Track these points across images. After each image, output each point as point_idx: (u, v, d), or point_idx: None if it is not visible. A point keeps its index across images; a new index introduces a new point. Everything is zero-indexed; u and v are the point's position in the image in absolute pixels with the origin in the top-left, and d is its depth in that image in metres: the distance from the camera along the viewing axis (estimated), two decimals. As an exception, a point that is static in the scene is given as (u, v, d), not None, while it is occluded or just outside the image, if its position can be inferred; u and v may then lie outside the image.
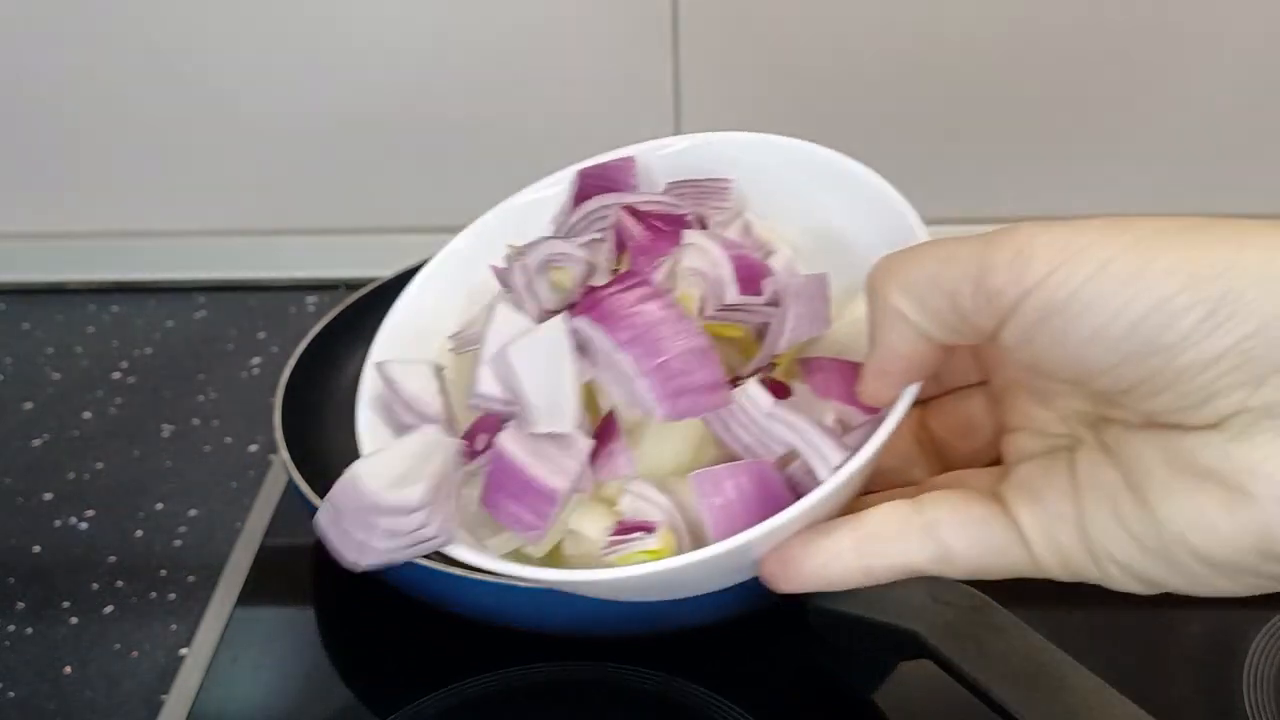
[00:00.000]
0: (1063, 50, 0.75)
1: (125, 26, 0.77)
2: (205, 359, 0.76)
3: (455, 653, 0.53)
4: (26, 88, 0.80)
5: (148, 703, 0.53)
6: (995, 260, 0.28)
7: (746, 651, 0.53)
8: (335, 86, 0.79)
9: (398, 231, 0.82)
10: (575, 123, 0.79)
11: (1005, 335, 0.29)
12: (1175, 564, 0.29)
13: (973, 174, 0.79)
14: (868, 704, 0.52)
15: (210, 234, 0.84)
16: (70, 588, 0.60)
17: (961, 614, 0.44)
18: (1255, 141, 0.77)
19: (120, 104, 0.80)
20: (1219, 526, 0.27)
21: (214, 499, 0.65)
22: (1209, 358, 0.26)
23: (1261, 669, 0.50)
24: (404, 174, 0.82)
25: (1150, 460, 0.29)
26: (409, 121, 0.80)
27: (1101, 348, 0.28)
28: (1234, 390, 0.27)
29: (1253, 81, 0.75)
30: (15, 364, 0.77)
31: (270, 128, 0.80)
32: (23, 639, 0.57)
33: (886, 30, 0.75)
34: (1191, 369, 0.27)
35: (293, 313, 0.80)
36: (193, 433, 0.70)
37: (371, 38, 0.77)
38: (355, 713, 0.52)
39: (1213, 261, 0.26)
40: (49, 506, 0.65)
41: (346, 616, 0.57)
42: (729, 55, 0.76)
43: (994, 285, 0.28)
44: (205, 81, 0.79)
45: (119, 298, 0.83)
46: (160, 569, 0.60)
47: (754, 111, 0.78)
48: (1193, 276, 0.26)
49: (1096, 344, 0.28)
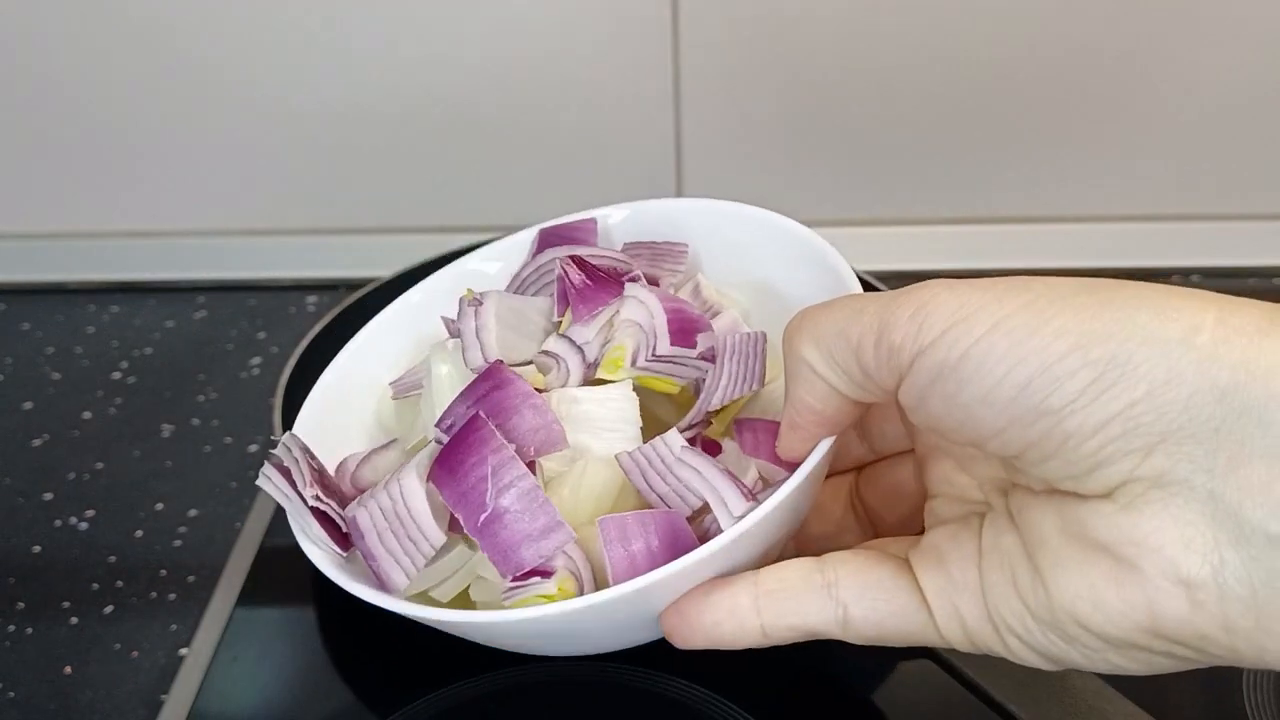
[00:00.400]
0: (1062, 51, 0.75)
1: (125, 26, 0.77)
2: (205, 359, 0.76)
3: (455, 653, 0.53)
4: (26, 88, 0.80)
5: (148, 703, 0.53)
6: (896, 317, 0.28)
7: (746, 651, 0.53)
8: (335, 87, 0.79)
9: (398, 231, 0.83)
10: (575, 123, 0.79)
11: (902, 394, 0.29)
12: (1068, 637, 0.28)
13: (971, 175, 0.79)
14: (868, 704, 0.52)
15: (210, 234, 0.84)
16: (70, 588, 0.60)
17: (961, 614, 0.44)
18: (1256, 143, 0.77)
19: (120, 104, 0.80)
20: (1107, 601, 0.26)
21: (214, 499, 0.65)
22: (1095, 424, 0.25)
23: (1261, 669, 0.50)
24: (404, 174, 0.82)
25: (1047, 528, 0.28)
26: (409, 122, 0.80)
27: (991, 410, 0.27)
28: (1122, 458, 0.25)
29: (1254, 82, 0.75)
30: (15, 364, 0.77)
31: (270, 128, 0.80)
32: (23, 639, 0.57)
33: (885, 31, 0.75)
34: (1079, 434, 0.26)
35: (293, 313, 0.80)
36: (193, 433, 0.70)
37: (372, 38, 0.77)
38: (355, 713, 0.52)
39: (1105, 322, 0.25)
40: (49, 506, 0.65)
41: (346, 616, 0.57)
42: (729, 56, 0.76)
43: (893, 341, 0.28)
44: (205, 81, 0.79)
45: (119, 298, 0.83)
46: (160, 569, 0.61)
47: (753, 111, 0.78)
48: (1083, 336, 0.25)
49: (986, 405, 0.27)
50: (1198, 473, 0.25)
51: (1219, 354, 0.24)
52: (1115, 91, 0.76)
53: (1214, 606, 0.25)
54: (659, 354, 0.38)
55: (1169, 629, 0.26)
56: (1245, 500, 0.24)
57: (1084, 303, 0.26)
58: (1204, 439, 0.24)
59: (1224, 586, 0.25)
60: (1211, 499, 0.25)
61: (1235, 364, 0.24)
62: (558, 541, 0.33)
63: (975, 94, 0.76)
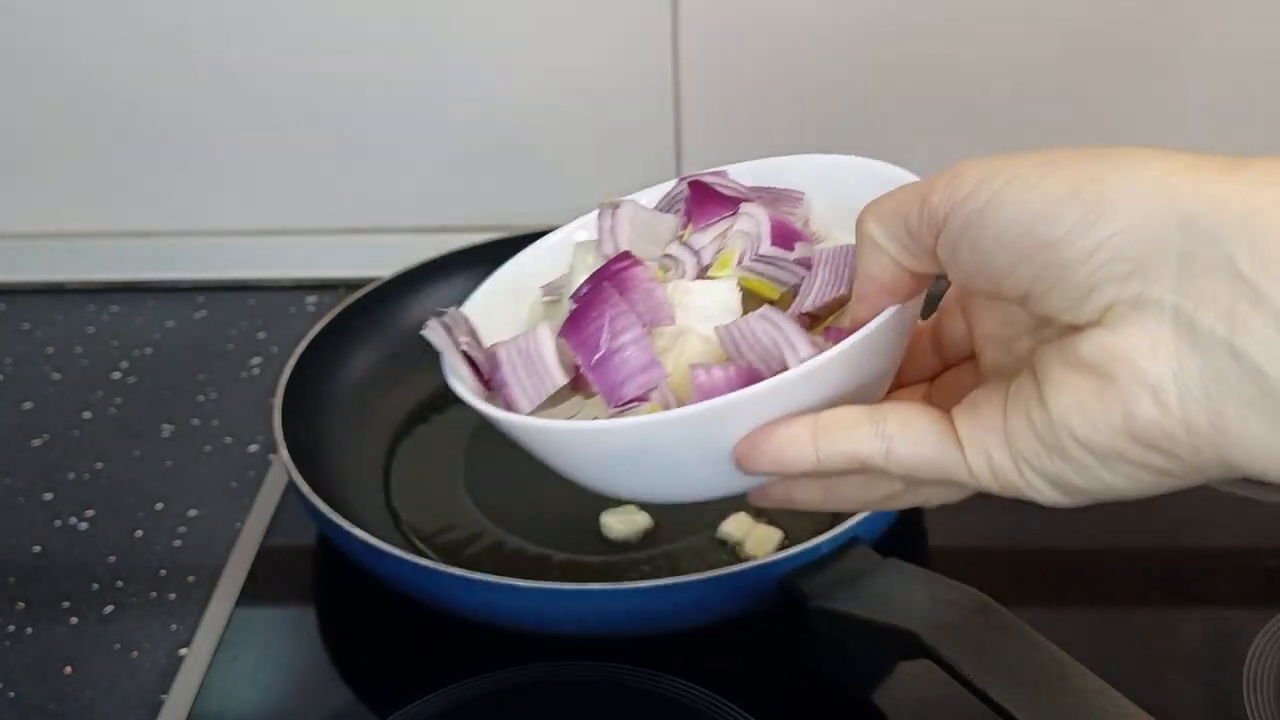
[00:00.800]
0: (1068, 44, 0.75)
1: (124, 26, 0.77)
2: (205, 359, 0.76)
3: (455, 653, 0.53)
4: (26, 88, 0.80)
5: (148, 703, 0.53)
6: (936, 183, 0.33)
7: (746, 651, 0.53)
8: (335, 86, 0.79)
9: (398, 231, 0.83)
10: (575, 124, 0.79)
11: (940, 248, 0.33)
12: (1065, 454, 0.31)
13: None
14: (868, 704, 0.52)
15: (210, 234, 0.84)
16: (70, 588, 0.60)
17: (962, 614, 0.44)
18: (1261, 134, 0.77)
19: (120, 104, 0.80)
20: (1091, 410, 0.30)
21: (214, 499, 0.65)
22: (1086, 251, 0.30)
23: (1261, 669, 0.50)
24: (404, 174, 0.82)
25: (1052, 363, 0.32)
26: (409, 122, 0.80)
27: (1004, 249, 0.31)
28: (1108, 284, 0.30)
29: (1258, 74, 0.75)
30: (15, 364, 0.77)
31: (270, 128, 0.80)
32: (23, 639, 0.57)
33: (886, 31, 0.75)
34: (1073, 263, 0.30)
35: (293, 313, 0.80)
36: (193, 433, 0.70)
37: (372, 38, 0.77)
38: (355, 713, 0.52)
39: (1098, 169, 0.30)
40: (49, 506, 0.65)
41: (346, 616, 0.57)
42: (728, 53, 0.76)
43: (933, 203, 0.33)
44: (205, 81, 0.79)
45: (119, 298, 0.83)
46: (160, 569, 0.60)
47: (753, 107, 0.78)
48: (1078, 180, 0.30)
49: (1000, 245, 0.31)
50: (1166, 292, 0.29)
51: (1185, 190, 0.29)
52: (1121, 84, 0.76)
53: (1177, 408, 0.29)
54: (761, 254, 0.43)
55: (1141, 430, 0.30)
56: (1199, 310, 0.28)
57: (1087, 157, 0.31)
58: (1172, 262, 0.29)
59: (1183, 388, 0.29)
60: (1175, 313, 0.29)
61: (1198, 196, 0.29)
62: (655, 376, 0.39)
63: (977, 94, 0.76)
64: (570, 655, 0.52)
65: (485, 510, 0.60)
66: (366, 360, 0.68)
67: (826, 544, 0.50)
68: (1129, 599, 0.56)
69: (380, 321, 0.70)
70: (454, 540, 0.59)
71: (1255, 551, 0.57)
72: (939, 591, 0.46)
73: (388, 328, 0.70)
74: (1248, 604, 0.54)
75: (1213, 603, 0.55)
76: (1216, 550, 0.58)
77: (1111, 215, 0.29)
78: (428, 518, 0.60)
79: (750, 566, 0.49)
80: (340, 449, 0.63)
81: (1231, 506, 0.59)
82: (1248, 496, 0.59)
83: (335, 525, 0.53)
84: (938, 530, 0.59)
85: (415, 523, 0.60)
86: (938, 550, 0.58)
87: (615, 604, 0.50)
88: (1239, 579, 0.57)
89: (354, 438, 0.65)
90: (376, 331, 0.69)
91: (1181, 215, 0.29)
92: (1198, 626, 0.53)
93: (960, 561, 0.58)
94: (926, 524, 0.59)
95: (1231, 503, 0.59)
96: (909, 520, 0.58)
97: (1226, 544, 0.58)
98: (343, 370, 0.67)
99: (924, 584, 0.47)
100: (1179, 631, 0.53)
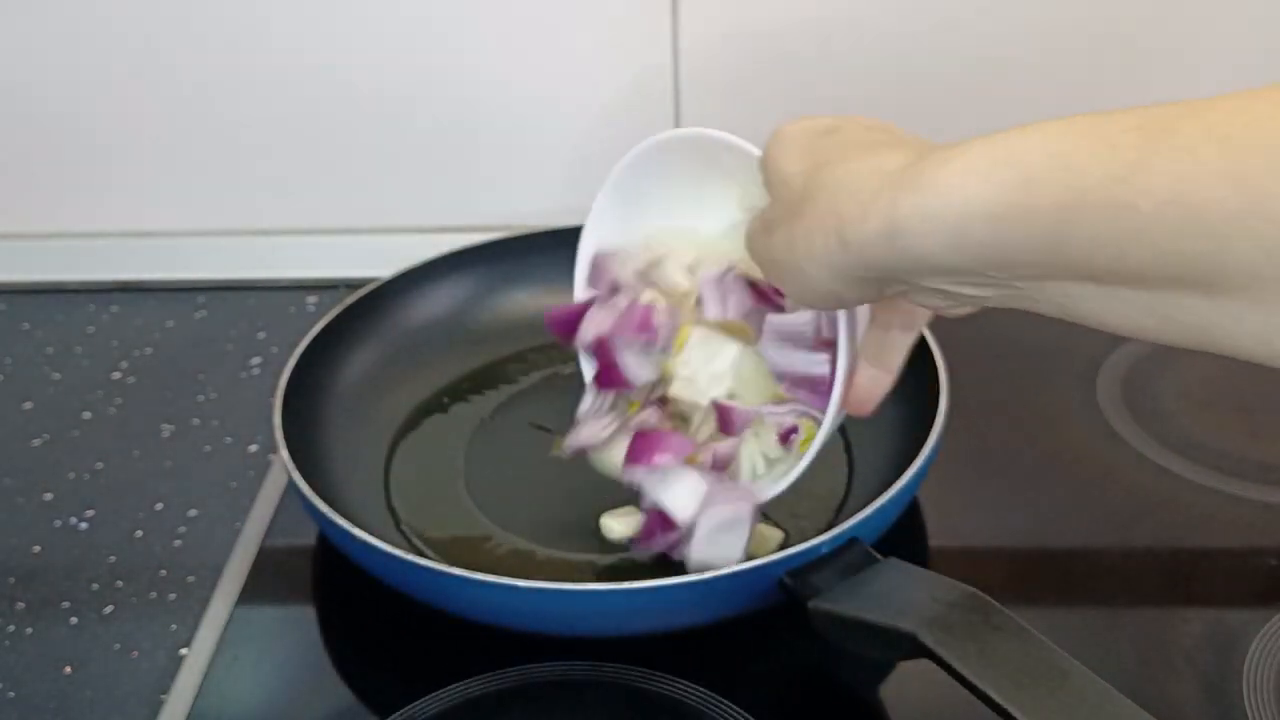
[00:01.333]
0: (1068, 44, 0.75)
1: (124, 26, 0.77)
2: (205, 359, 0.76)
3: (455, 653, 0.53)
4: (26, 88, 0.80)
5: (148, 703, 0.53)
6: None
7: (746, 651, 0.53)
8: (335, 86, 0.79)
9: (398, 231, 0.82)
10: (574, 123, 0.79)
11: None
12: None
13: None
14: (868, 704, 0.52)
15: (210, 234, 0.84)
16: (70, 588, 0.60)
17: (961, 614, 0.44)
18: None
19: (120, 104, 0.80)
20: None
21: (214, 499, 0.65)
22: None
23: (1261, 669, 0.50)
24: (404, 174, 0.82)
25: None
26: (409, 121, 0.80)
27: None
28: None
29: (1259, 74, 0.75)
30: (15, 364, 0.77)
31: (270, 128, 0.80)
32: (23, 639, 0.57)
33: (887, 31, 0.75)
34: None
35: (293, 313, 0.80)
36: (193, 433, 0.70)
37: (372, 38, 0.77)
38: (355, 713, 0.52)
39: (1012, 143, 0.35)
40: (49, 506, 0.65)
41: (346, 616, 0.57)
42: (728, 51, 0.76)
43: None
44: (205, 81, 0.79)
45: (119, 298, 0.83)
46: (160, 569, 0.60)
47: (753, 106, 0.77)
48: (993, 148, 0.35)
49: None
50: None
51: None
52: (1120, 82, 0.76)
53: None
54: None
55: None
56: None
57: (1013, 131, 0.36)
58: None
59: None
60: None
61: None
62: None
63: (978, 94, 0.76)
64: (570, 655, 0.52)
65: (485, 510, 0.60)
66: (366, 360, 0.68)
67: (826, 544, 0.50)
68: (1129, 599, 0.56)
69: (380, 322, 0.70)
70: (454, 540, 0.59)
71: (1255, 551, 0.57)
72: (938, 591, 0.46)
73: (387, 328, 0.70)
74: (1247, 604, 0.54)
75: (1213, 603, 0.55)
76: (1216, 550, 0.58)
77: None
78: (428, 518, 0.60)
79: (750, 566, 0.49)
80: (340, 449, 0.63)
81: (1231, 506, 0.59)
82: (1247, 497, 0.59)
83: (335, 525, 0.53)
84: (937, 530, 0.59)
85: (415, 523, 0.60)
86: (937, 550, 0.58)
87: (615, 604, 0.50)
88: (1239, 579, 0.57)
89: (354, 438, 0.65)
90: (376, 332, 0.69)
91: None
92: (1198, 626, 0.53)
93: (960, 561, 0.58)
94: (926, 524, 0.59)
95: (1231, 503, 0.59)
96: (909, 520, 0.58)
97: (1226, 544, 0.58)
98: (343, 370, 0.67)
99: (923, 584, 0.47)
100: (1179, 631, 0.53)
